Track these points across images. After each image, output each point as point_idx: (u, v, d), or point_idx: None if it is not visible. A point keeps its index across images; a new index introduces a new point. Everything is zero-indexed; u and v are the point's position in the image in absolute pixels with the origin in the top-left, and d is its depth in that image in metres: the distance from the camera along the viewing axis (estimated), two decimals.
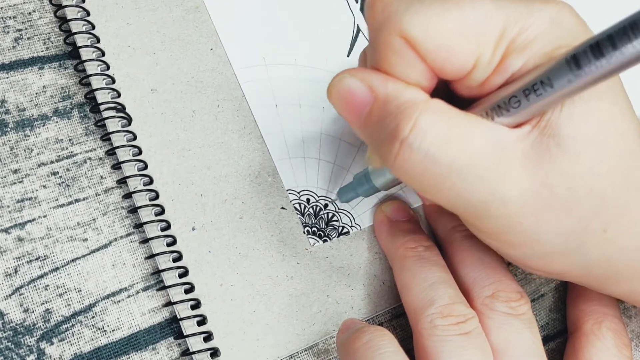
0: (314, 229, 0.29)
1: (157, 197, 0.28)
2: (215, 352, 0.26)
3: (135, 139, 0.28)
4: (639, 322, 0.32)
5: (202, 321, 0.27)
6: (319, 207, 0.29)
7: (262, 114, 0.30)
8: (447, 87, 0.23)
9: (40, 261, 0.26)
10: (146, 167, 0.28)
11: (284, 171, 0.29)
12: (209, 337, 0.26)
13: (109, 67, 0.29)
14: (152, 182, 0.28)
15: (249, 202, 0.29)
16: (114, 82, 0.29)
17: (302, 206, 0.29)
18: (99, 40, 0.29)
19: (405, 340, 0.29)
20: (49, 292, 0.26)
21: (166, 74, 0.29)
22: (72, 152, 0.28)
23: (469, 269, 0.27)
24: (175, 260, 0.27)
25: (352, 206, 0.30)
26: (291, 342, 0.27)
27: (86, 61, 0.28)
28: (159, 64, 0.30)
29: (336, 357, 0.28)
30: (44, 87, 0.28)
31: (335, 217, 0.29)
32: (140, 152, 0.28)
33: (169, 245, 0.27)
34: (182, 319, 0.26)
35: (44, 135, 0.28)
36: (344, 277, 0.29)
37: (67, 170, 0.28)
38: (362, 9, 0.33)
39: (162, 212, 0.27)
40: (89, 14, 0.29)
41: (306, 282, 0.28)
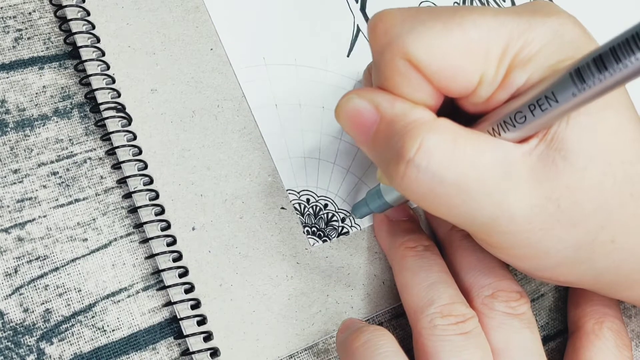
0: (314, 229, 0.29)
1: (157, 197, 0.28)
2: (215, 352, 0.26)
3: (135, 138, 0.28)
4: (639, 321, 0.32)
5: (202, 321, 0.27)
6: (318, 207, 0.29)
7: (262, 114, 0.30)
8: (453, 103, 0.23)
9: (40, 261, 0.26)
10: (146, 167, 0.28)
11: (283, 171, 0.29)
12: (208, 337, 0.26)
13: (109, 67, 0.29)
14: (152, 182, 0.28)
15: (249, 202, 0.29)
16: (114, 82, 0.29)
17: (302, 206, 0.29)
18: (99, 40, 0.29)
19: (405, 340, 0.29)
20: (49, 292, 0.26)
21: (166, 74, 0.30)
22: (72, 152, 0.28)
23: (469, 268, 0.27)
24: (175, 260, 0.27)
25: (352, 206, 0.30)
26: (291, 342, 0.27)
27: (86, 61, 0.28)
28: (159, 64, 0.30)
29: (336, 357, 0.28)
30: (44, 87, 0.28)
31: (335, 217, 0.29)
32: (140, 152, 0.28)
33: (169, 245, 0.27)
34: (182, 319, 0.26)
35: (44, 135, 0.28)
36: (343, 277, 0.29)
37: (67, 170, 0.28)
38: (363, 9, 0.33)
39: (162, 212, 0.28)
40: (89, 14, 0.29)
41: (306, 282, 0.28)
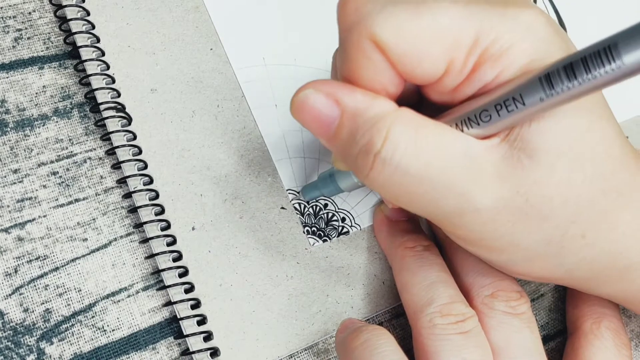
0: (314, 228, 0.29)
1: (157, 196, 0.28)
2: (215, 351, 0.26)
3: (135, 138, 0.28)
4: (638, 321, 0.32)
5: (202, 321, 0.27)
6: (318, 207, 0.29)
7: (261, 114, 0.30)
8: (418, 92, 0.23)
9: (40, 261, 0.26)
10: (146, 166, 0.28)
11: (283, 171, 0.29)
12: (208, 336, 0.26)
13: (108, 67, 0.29)
14: (152, 181, 0.28)
15: (249, 202, 0.29)
16: (113, 82, 0.29)
17: (302, 206, 0.29)
18: (98, 40, 0.29)
19: (405, 339, 0.29)
20: (49, 291, 0.26)
21: (166, 74, 0.30)
22: (72, 151, 0.28)
23: (469, 268, 0.27)
24: (175, 260, 0.27)
25: (351, 206, 0.30)
26: (291, 342, 0.27)
27: (86, 61, 0.28)
28: (158, 64, 0.30)
29: (335, 357, 0.28)
30: (44, 86, 0.28)
31: (335, 217, 0.29)
32: (140, 152, 0.28)
33: (168, 245, 0.27)
34: (182, 319, 0.26)
35: (44, 135, 0.28)
36: (343, 277, 0.29)
37: (67, 170, 0.28)
38: None
39: (162, 211, 0.28)
40: (88, 14, 0.29)
41: (306, 282, 0.28)
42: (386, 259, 0.29)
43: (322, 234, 0.29)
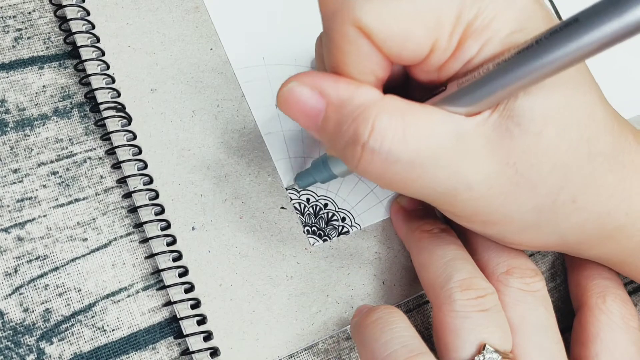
0: (314, 228, 0.29)
1: (157, 196, 0.28)
2: (215, 351, 0.26)
3: (135, 138, 0.28)
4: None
5: (202, 321, 0.27)
6: (318, 207, 0.29)
7: (261, 114, 0.30)
8: (405, 73, 0.23)
9: (40, 261, 0.26)
10: (146, 166, 0.28)
11: (283, 171, 0.29)
12: (208, 336, 0.26)
13: (108, 67, 0.29)
14: (152, 181, 0.28)
15: (249, 202, 0.29)
16: (113, 81, 0.29)
17: (302, 206, 0.29)
18: (98, 39, 0.29)
19: None
20: (49, 291, 0.26)
21: (166, 73, 0.30)
22: (72, 151, 0.28)
23: (483, 248, 0.27)
24: (175, 259, 0.27)
25: (352, 205, 0.30)
26: (291, 342, 0.27)
27: (86, 61, 0.28)
28: (158, 63, 0.30)
29: (336, 357, 0.28)
30: (44, 86, 0.28)
31: (335, 217, 0.29)
32: (140, 152, 0.28)
33: (168, 244, 0.27)
34: (181, 319, 0.26)
35: (44, 134, 0.28)
36: (343, 277, 0.29)
37: (67, 169, 0.28)
38: None
39: (162, 211, 0.27)
40: (88, 14, 0.29)
41: (306, 282, 0.28)
42: (386, 259, 0.29)
43: (322, 234, 0.29)
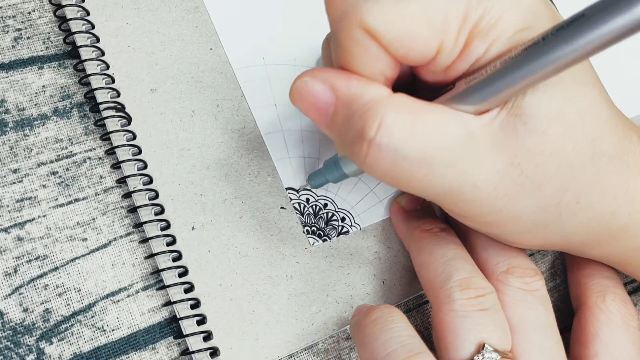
0: (314, 228, 0.29)
1: (156, 196, 0.28)
2: (214, 351, 0.26)
3: (134, 138, 0.28)
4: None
5: (202, 321, 0.27)
6: (318, 207, 0.29)
7: (261, 114, 0.30)
8: (412, 74, 0.23)
9: (39, 261, 0.26)
10: (146, 166, 0.28)
11: (283, 171, 0.29)
12: (208, 336, 0.26)
13: (108, 67, 0.29)
14: (151, 181, 0.28)
15: (249, 202, 0.29)
16: (113, 81, 0.29)
17: (302, 206, 0.29)
18: (98, 39, 0.29)
19: None
20: (49, 291, 0.26)
21: (166, 73, 0.30)
22: (71, 151, 0.28)
23: (483, 247, 0.27)
24: (174, 259, 0.27)
25: (351, 205, 0.30)
26: (291, 342, 0.27)
27: (86, 60, 0.28)
28: (158, 63, 0.30)
29: (335, 356, 0.28)
30: (44, 86, 0.28)
31: (334, 217, 0.29)
32: (139, 152, 0.28)
33: (168, 244, 0.27)
34: (181, 319, 0.26)
35: (44, 134, 0.28)
36: (343, 277, 0.29)
37: (67, 169, 0.28)
38: None
39: (162, 211, 0.27)
40: (88, 14, 0.29)
41: (306, 282, 0.28)
42: (386, 259, 0.29)
43: (322, 234, 0.29)
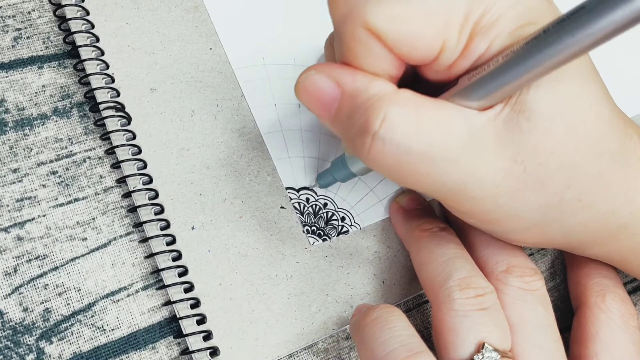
0: (314, 228, 0.29)
1: (156, 196, 0.28)
2: (214, 351, 0.26)
3: (134, 138, 0.28)
4: None
5: (202, 320, 0.27)
6: (318, 206, 0.29)
7: (261, 114, 0.30)
8: (415, 73, 0.23)
9: (39, 260, 0.26)
10: (145, 166, 0.28)
11: (283, 170, 0.29)
12: (208, 336, 0.26)
13: (108, 67, 0.29)
14: (151, 181, 0.28)
15: (248, 202, 0.29)
16: (113, 81, 0.29)
17: (302, 205, 0.29)
18: (98, 39, 0.29)
19: None
20: (49, 291, 0.26)
21: (165, 73, 0.30)
22: (71, 151, 0.28)
23: (482, 246, 0.27)
24: (174, 259, 0.27)
25: (351, 205, 0.30)
26: (290, 342, 0.27)
27: (85, 60, 0.28)
28: (158, 63, 0.30)
29: (335, 356, 0.28)
30: (44, 86, 0.28)
31: (334, 216, 0.29)
32: (139, 152, 0.28)
33: (168, 244, 0.27)
34: (181, 318, 0.26)
35: (44, 134, 0.28)
36: (343, 276, 0.29)
37: (67, 169, 0.28)
38: None
39: (162, 211, 0.28)
40: (88, 13, 0.29)
41: (305, 282, 0.28)
42: (385, 259, 0.29)
43: (322, 233, 0.29)
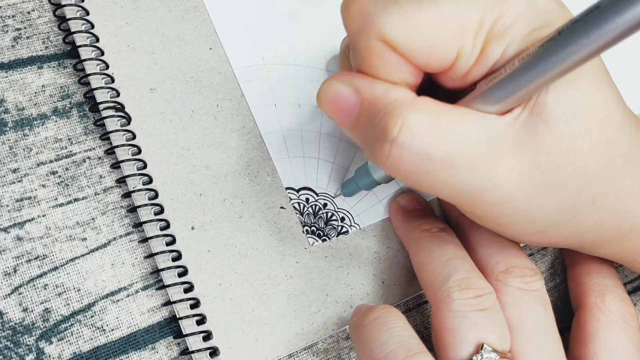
0: (313, 228, 0.29)
1: (156, 196, 0.28)
2: (214, 351, 0.26)
3: (134, 138, 0.28)
4: None
5: (202, 320, 0.27)
6: (318, 207, 0.29)
7: (261, 114, 0.30)
8: (431, 81, 0.23)
9: (39, 260, 0.26)
10: (145, 166, 0.28)
11: (283, 170, 0.29)
12: (208, 336, 0.26)
13: (108, 67, 0.29)
14: (151, 181, 0.28)
15: (248, 202, 0.29)
16: (113, 81, 0.29)
17: (302, 205, 0.29)
18: (98, 39, 0.29)
19: None
20: (48, 291, 0.26)
21: (165, 73, 0.29)
22: (71, 151, 0.28)
23: (482, 247, 0.27)
24: (174, 259, 0.27)
25: (351, 205, 0.30)
26: (290, 342, 0.27)
27: (85, 60, 0.28)
28: (158, 63, 0.30)
29: (335, 356, 0.28)
30: (43, 86, 0.28)
31: (334, 217, 0.29)
32: (139, 152, 0.28)
33: (168, 244, 0.27)
34: (181, 318, 0.26)
35: (43, 134, 0.28)
36: (343, 277, 0.29)
37: (66, 169, 0.28)
38: None
39: (162, 211, 0.27)
40: (88, 13, 0.29)
41: (305, 282, 0.28)
42: (385, 259, 0.29)
43: (322, 234, 0.29)
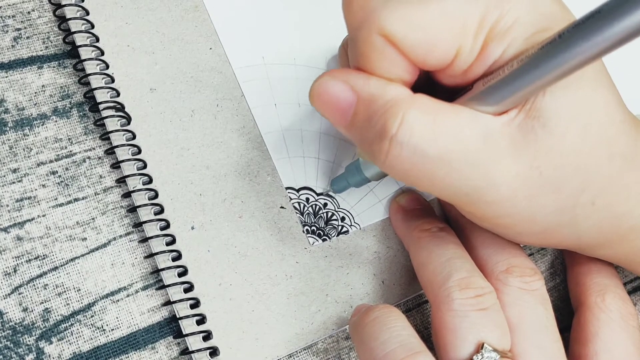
0: (313, 228, 0.29)
1: (156, 196, 0.28)
2: (214, 351, 0.26)
3: (134, 138, 0.28)
4: None
5: (202, 320, 0.27)
6: (318, 206, 0.29)
7: (261, 113, 0.30)
8: (429, 78, 0.23)
9: (39, 260, 0.26)
10: (145, 166, 0.28)
11: (283, 170, 0.29)
12: (208, 336, 0.26)
13: (108, 66, 0.29)
14: (151, 181, 0.28)
15: (248, 202, 0.29)
16: (113, 81, 0.29)
17: (302, 205, 0.29)
18: (98, 39, 0.29)
19: None
20: (48, 291, 0.26)
21: (165, 73, 0.29)
22: (71, 151, 0.28)
23: (482, 246, 0.27)
24: (174, 259, 0.27)
25: (351, 205, 0.30)
26: (290, 342, 0.27)
27: (85, 60, 0.28)
28: (158, 63, 0.30)
29: (335, 356, 0.28)
30: (43, 86, 0.28)
31: (334, 216, 0.29)
32: (139, 152, 0.28)
33: (168, 244, 0.27)
34: (181, 318, 0.26)
35: (43, 134, 0.28)
36: (343, 277, 0.29)
37: (66, 169, 0.28)
38: None
39: (162, 211, 0.27)
40: (88, 13, 0.29)
41: (305, 282, 0.28)
42: (385, 259, 0.29)
43: (322, 234, 0.29)
